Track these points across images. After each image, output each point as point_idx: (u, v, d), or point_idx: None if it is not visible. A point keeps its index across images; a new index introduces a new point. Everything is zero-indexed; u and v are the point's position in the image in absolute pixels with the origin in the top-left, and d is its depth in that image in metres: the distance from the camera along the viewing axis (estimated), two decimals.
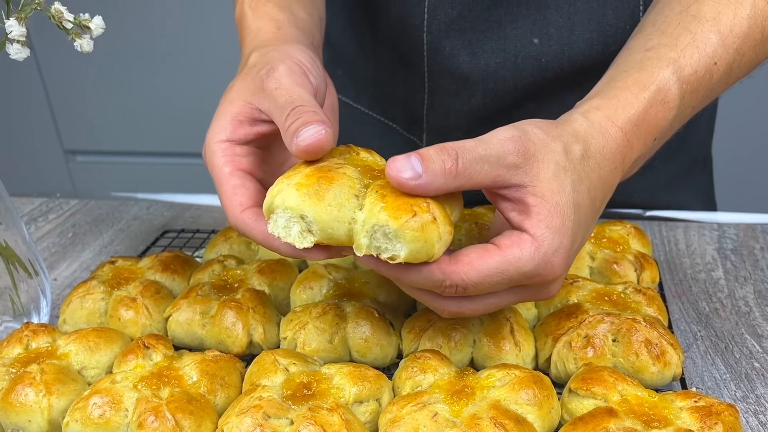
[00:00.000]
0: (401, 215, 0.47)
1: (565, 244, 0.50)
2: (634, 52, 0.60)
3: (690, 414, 0.51)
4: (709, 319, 0.71)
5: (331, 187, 0.48)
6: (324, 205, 0.48)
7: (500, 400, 0.53)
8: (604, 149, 0.54)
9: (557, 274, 0.50)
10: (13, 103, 2.28)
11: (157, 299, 0.69)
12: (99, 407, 0.54)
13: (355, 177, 0.50)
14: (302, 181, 0.49)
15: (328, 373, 0.57)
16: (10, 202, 0.71)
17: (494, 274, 0.48)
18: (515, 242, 0.49)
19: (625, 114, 0.55)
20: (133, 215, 1.01)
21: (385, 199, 0.48)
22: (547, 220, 0.49)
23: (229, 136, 0.58)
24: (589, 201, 0.52)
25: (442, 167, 0.47)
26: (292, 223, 0.49)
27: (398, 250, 0.47)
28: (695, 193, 0.98)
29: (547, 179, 0.49)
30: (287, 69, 0.56)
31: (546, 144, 0.50)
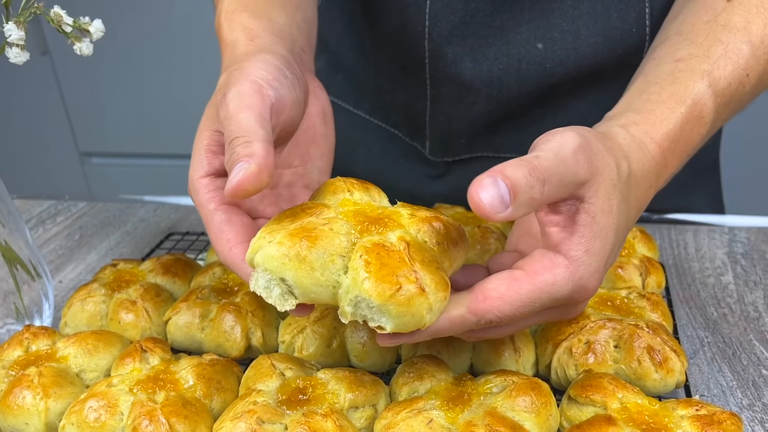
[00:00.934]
0: (385, 289, 0.44)
1: (600, 268, 0.47)
2: (663, 63, 0.58)
3: (691, 423, 0.50)
4: (716, 325, 0.70)
5: (314, 248, 0.45)
6: (306, 269, 0.45)
7: (497, 407, 0.52)
8: (643, 167, 0.51)
9: (589, 296, 0.48)
10: (29, 105, 2.31)
11: (157, 302, 0.69)
12: (95, 411, 0.54)
13: (342, 233, 0.47)
14: (284, 240, 0.45)
15: (324, 378, 0.56)
16: (13, 205, 0.72)
17: (527, 304, 0.46)
18: (547, 267, 0.46)
19: (662, 130, 0.53)
20: (139, 218, 1.01)
21: (369, 266, 0.44)
22: (589, 244, 0.46)
23: (206, 170, 0.55)
24: (625, 221, 0.50)
25: (530, 197, 0.43)
26: (273, 284, 0.46)
27: (384, 323, 0.45)
28: (704, 197, 0.96)
29: (602, 197, 0.46)
30: (237, 92, 0.51)
31: (604, 158, 0.47)
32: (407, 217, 0.49)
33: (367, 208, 0.50)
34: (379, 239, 0.46)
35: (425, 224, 0.49)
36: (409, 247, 0.46)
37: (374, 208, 0.51)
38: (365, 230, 0.48)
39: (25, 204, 1.07)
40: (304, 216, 0.48)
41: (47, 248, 0.94)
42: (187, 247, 0.90)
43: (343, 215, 0.49)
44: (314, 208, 0.49)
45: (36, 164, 2.42)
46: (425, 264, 0.46)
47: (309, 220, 0.47)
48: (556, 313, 0.51)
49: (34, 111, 2.32)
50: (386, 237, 0.47)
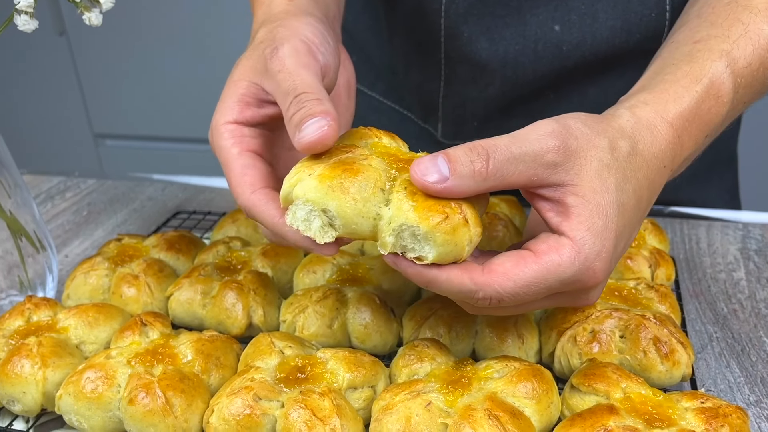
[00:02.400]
0: (432, 216, 0.44)
1: (608, 248, 0.46)
2: (681, 45, 0.57)
3: (695, 415, 0.49)
4: (726, 321, 0.68)
5: (356, 180, 0.45)
6: (348, 200, 0.44)
7: (497, 392, 0.51)
8: (653, 146, 0.50)
9: (598, 280, 0.46)
10: (45, 86, 2.32)
11: (159, 278, 0.69)
12: (92, 381, 0.54)
13: (380, 169, 0.47)
14: (325, 172, 0.45)
15: (323, 358, 0.56)
16: (20, 178, 0.71)
17: (532, 284, 0.45)
18: (553, 247, 0.45)
19: (675, 108, 0.52)
20: (147, 196, 1.01)
21: (415, 197, 0.45)
22: (588, 222, 0.45)
23: (236, 117, 0.55)
24: (635, 201, 0.48)
25: (471, 169, 0.44)
26: (313, 216, 0.46)
27: (426, 252, 0.45)
28: (719, 191, 0.94)
29: (588, 177, 0.46)
30: (292, 49, 0.53)
31: (590, 140, 0.47)
32: None
33: (398, 152, 0.50)
34: None
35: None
36: None
37: (404, 153, 0.50)
38: (402, 168, 0.47)
39: (35, 179, 1.07)
40: (339, 153, 0.48)
41: (55, 223, 0.94)
42: (194, 225, 0.89)
43: (378, 155, 0.48)
44: (347, 148, 0.49)
45: (50, 145, 2.43)
46: (465, 200, 0.46)
47: (347, 155, 0.47)
48: (565, 299, 0.49)
49: (49, 91, 2.33)
50: None
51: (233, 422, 0.51)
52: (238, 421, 0.50)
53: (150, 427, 0.52)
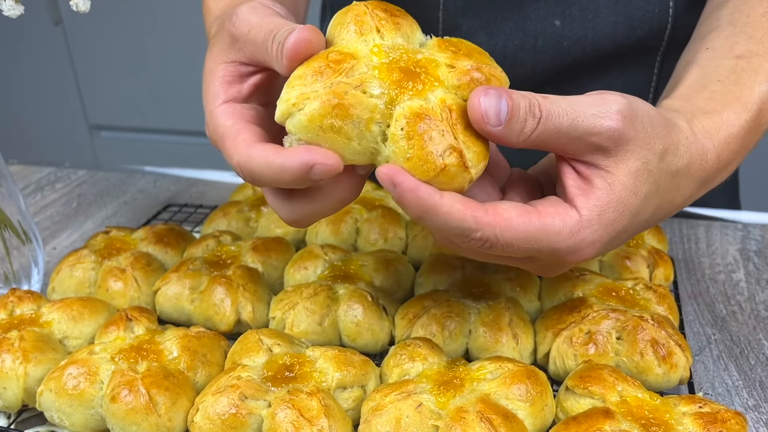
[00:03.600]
0: (429, 170, 0.41)
1: (602, 241, 0.45)
2: (720, 57, 0.55)
3: (693, 420, 0.47)
4: (725, 323, 0.67)
5: (348, 119, 0.42)
6: (342, 139, 0.42)
7: (490, 394, 0.50)
8: (696, 173, 0.49)
9: (576, 261, 0.46)
10: (40, 76, 2.30)
11: (147, 272, 0.67)
12: (74, 378, 0.53)
13: (376, 94, 0.42)
14: (316, 111, 0.42)
15: (312, 356, 0.54)
16: (6, 168, 0.70)
17: (528, 240, 0.43)
18: (560, 213, 0.44)
19: (726, 137, 0.50)
20: (139, 188, 0.99)
21: (412, 142, 0.42)
22: (602, 209, 0.44)
23: (224, 98, 0.52)
24: (648, 216, 0.47)
25: (521, 128, 0.42)
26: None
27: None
28: (719, 191, 0.92)
29: (626, 172, 0.44)
30: (249, 8, 0.50)
31: (647, 138, 0.45)
32: (446, 69, 0.45)
33: (401, 57, 0.44)
34: (419, 106, 0.42)
35: (466, 77, 0.44)
36: (452, 114, 0.43)
37: (408, 54, 0.45)
38: (402, 89, 0.43)
39: (25, 170, 1.06)
40: (332, 75, 0.43)
41: (44, 214, 0.92)
42: (185, 219, 0.88)
43: (376, 69, 0.44)
44: (342, 62, 0.44)
45: (45, 136, 2.41)
46: (467, 131, 0.43)
47: (339, 80, 0.43)
48: (537, 265, 0.48)
49: (45, 82, 2.31)
50: (426, 100, 0.43)
51: (218, 422, 0.49)
52: (223, 421, 0.49)
53: (132, 425, 0.50)
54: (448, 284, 0.64)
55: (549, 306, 0.63)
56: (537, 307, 0.64)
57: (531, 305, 0.63)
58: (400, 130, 0.42)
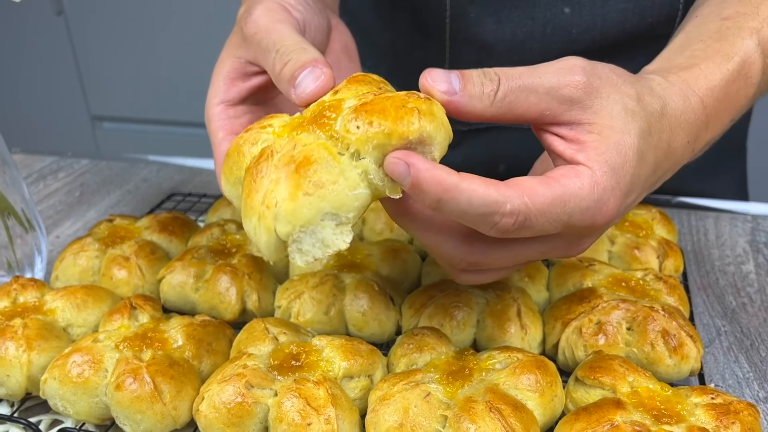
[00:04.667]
0: (401, 118, 0.39)
1: (622, 188, 0.42)
2: (707, 21, 0.54)
3: (705, 411, 0.47)
4: (735, 314, 0.66)
5: (317, 169, 0.39)
6: (330, 189, 0.39)
7: (499, 384, 0.49)
8: (682, 115, 0.47)
9: (608, 218, 0.43)
10: (42, 66, 2.29)
11: (151, 260, 0.66)
12: (78, 366, 0.52)
13: (325, 138, 0.41)
14: (289, 190, 0.38)
15: (319, 345, 0.54)
16: (9, 156, 0.69)
17: (557, 204, 0.40)
18: (572, 172, 0.41)
19: (707, 84, 0.49)
20: (142, 177, 0.99)
21: (371, 121, 0.39)
22: (606, 155, 0.42)
23: (222, 97, 0.55)
24: (653, 159, 0.45)
25: (481, 90, 0.41)
26: (318, 233, 0.39)
27: (434, 153, 0.40)
28: (727, 182, 0.92)
29: (608, 116, 0.42)
30: (264, 9, 0.52)
31: (615, 83, 0.44)
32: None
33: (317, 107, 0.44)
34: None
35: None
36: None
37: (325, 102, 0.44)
38: (322, 123, 0.42)
39: (28, 159, 1.05)
40: (259, 158, 0.42)
41: (47, 203, 0.92)
42: (188, 208, 0.87)
43: (296, 126, 0.43)
44: (254, 136, 0.44)
45: (47, 126, 2.40)
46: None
47: (270, 150, 0.42)
48: (569, 240, 0.45)
49: (47, 72, 2.30)
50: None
51: (224, 410, 0.49)
52: (229, 410, 0.48)
53: (137, 413, 0.50)
54: None
55: (558, 296, 0.62)
56: (545, 297, 0.63)
57: (539, 296, 0.63)
58: (355, 128, 0.40)
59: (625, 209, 0.46)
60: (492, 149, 0.87)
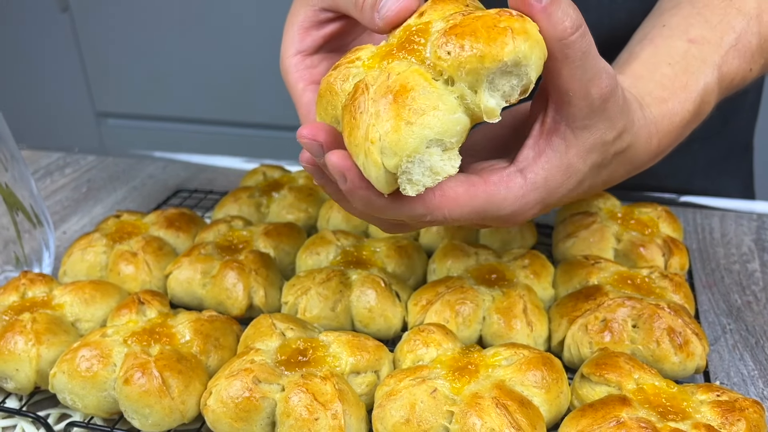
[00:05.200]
0: (494, 40, 0.37)
1: (544, 202, 0.46)
2: (674, 37, 0.56)
3: (711, 408, 0.47)
4: (740, 313, 0.66)
5: (416, 97, 0.38)
6: (431, 116, 0.37)
7: (505, 380, 0.49)
8: (636, 156, 0.51)
9: (517, 223, 0.48)
10: (47, 62, 2.30)
11: (158, 256, 0.67)
12: (87, 360, 0.52)
13: (417, 64, 0.39)
14: (390, 121, 0.37)
15: (326, 341, 0.54)
16: (18, 152, 0.69)
17: (475, 212, 0.44)
18: (504, 180, 0.45)
19: (668, 126, 0.52)
20: (148, 174, 0.99)
21: (462, 44, 0.38)
22: (550, 173, 0.45)
23: (297, 48, 0.54)
24: (586, 186, 0.49)
25: (563, 19, 0.40)
26: (426, 161, 0.38)
27: (530, 74, 0.39)
28: (733, 181, 0.92)
29: (583, 141, 0.45)
30: None
31: (616, 114, 0.46)
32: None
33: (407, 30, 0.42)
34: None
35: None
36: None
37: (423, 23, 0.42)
38: (414, 46, 0.41)
39: (34, 155, 1.05)
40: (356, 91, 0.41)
41: (53, 199, 0.92)
42: (195, 204, 0.87)
43: (397, 55, 0.41)
44: (351, 61, 0.43)
45: (51, 122, 2.41)
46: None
47: (374, 80, 0.40)
48: (480, 226, 0.50)
49: (52, 68, 2.30)
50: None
51: (231, 405, 0.49)
52: (236, 404, 0.49)
53: (146, 408, 0.50)
54: (462, 270, 0.63)
55: (563, 293, 0.62)
56: (551, 294, 0.63)
57: (545, 293, 0.63)
58: (446, 54, 0.39)
59: (543, 213, 0.49)
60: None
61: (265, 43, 0.53)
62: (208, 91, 2.10)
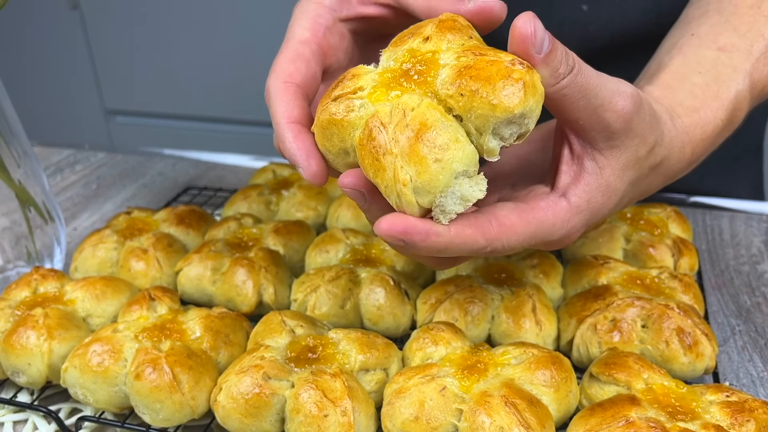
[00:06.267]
0: (506, 91, 0.38)
1: (588, 224, 0.47)
2: (704, 46, 0.56)
3: (720, 409, 0.47)
4: (749, 314, 0.66)
5: (438, 133, 0.38)
6: (455, 150, 0.38)
7: (514, 379, 0.49)
8: (672, 166, 0.51)
9: (564, 245, 0.48)
10: (57, 60, 2.31)
11: (169, 252, 0.67)
12: (98, 355, 0.53)
13: (429, 97, 0.40)
14: (419, 162, 0.38)
15: (335, 338, 0.54)
16: (30, 148, 0.70)
17: (528, 239, 0.44)
18: (550, 206, 0.45)
19: (701, 135, 0.52)
20: (158, 171, 0.99)
21: (476, 89, 0.38)
22: (591, 195, 0.46)
23: (332, 3, 0.52)
24: (626, 201, 0.50)
25: (557, 68, 0.41)
26: (457, 192, 0.40)
27: (530, 125, 0.40)
28: (743, 183, 0.92)
29: (616, 159, 0.46)
30: None
31: (645, 129, 0.46)
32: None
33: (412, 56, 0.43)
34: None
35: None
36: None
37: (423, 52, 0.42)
38: (421, 77, 0.41)
39: (45, 151, 1.06)
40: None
41: (64, 196, 0.93)
42: (204, 201, 0.88)
43: (406, 87, 0.42)
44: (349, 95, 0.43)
45: (60, 119, 2.42)
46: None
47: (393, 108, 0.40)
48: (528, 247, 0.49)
49: (61, 66, 2.32)
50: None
51: (242, 401, 0.49)
52: (246, 400, 0.49)
53: (156, 403, 0.51)
54: (471, 269, 0.63)
55: (572, 293, 0.62)
56: (560, 294, 0.64)
57: (554, 292, 0.63)
58: (458, 95, 0.40)
59: (585, 232, 0.50)
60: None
61: (275, 42, 0.53)
62: (217, 89, 2.11)
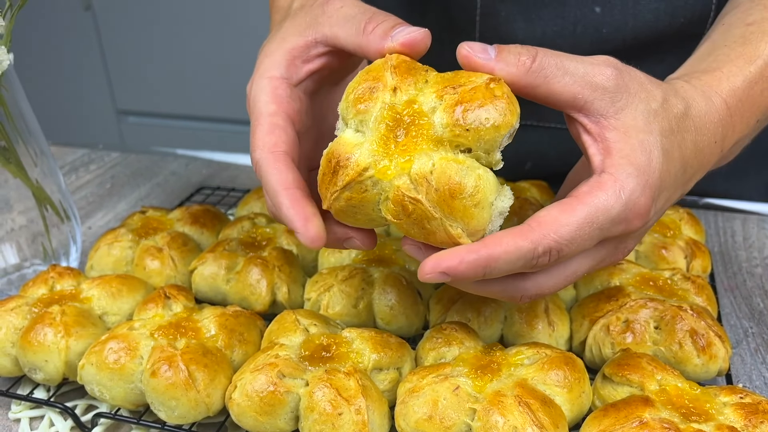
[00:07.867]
0: (500, 109, 0.41)
1: (651, 184, 0.43)
2: (732, 27, 0.55)
3: (734, 410, 0.47)
4: (762, 316, 0.66)
5: (463, 182, 0.42)
6: (483, 186, 0.42)
7: (527, 379, 0.49)
8: (707, 116, 0.48)
9: (643, 217, 0.44)
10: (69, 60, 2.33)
11: (183, 251, 0.68)
12: (115, 352, 0.53)
13: (434, 149, 0.43)
14: (464, 216, 0.42)
15: (349, 337, 0.55)
16: (47, 147, 0.71)
17: (585, 225, 0.42)
18: (595, 186, 0.43)
19: (729, 85, 0.50)
20: (171, 171, 1.00)
21: (479, 118, 0.41)
22: (631, 157, 0.43)
23: (282, 73, 0.51)
24: (680, 156, 0.46)
25: (517, 59, 0.43)
26: (496, 213, 0.43)
27: (516, 125, 0.43)
28: (757, 185, 0.91)
29: (632, 116, 0.44)
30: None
31: (642, 82, 0.45)
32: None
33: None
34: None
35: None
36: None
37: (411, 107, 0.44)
38: (411, 121, 0.44)
39: (60, 151, 1.07)
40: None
41: (78, 195, 0.93)
42: (218, 201, 0.88)
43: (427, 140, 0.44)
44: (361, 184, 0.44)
45: (73, 119, 2.44)
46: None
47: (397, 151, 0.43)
48: (609, 249, 0.47)
49: (74, 66, 2.34)
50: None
51: (256, 399, 0.50)
52: (261, 398, 0.50)
53: (172, 400, 0.51)
54: None
55: (585, 294, 0.63)
56: (572, 295, 0.64)
57: (566, 293, 0.63)
58: (464, 130, 0.42)
59: (661, 208, 0.46)
60: (520, 147, 0.88)
61: None
62: (228, 90, 2.12)
